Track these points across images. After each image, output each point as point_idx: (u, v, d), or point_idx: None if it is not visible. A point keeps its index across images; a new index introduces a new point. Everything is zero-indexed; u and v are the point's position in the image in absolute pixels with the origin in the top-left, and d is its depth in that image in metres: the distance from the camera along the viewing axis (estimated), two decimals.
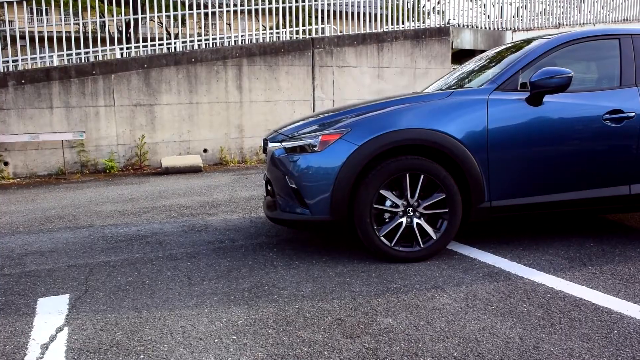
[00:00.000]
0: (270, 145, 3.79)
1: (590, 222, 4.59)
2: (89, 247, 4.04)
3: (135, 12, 9.72)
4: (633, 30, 4.06)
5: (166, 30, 10.93)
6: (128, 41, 10.20)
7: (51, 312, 2.77)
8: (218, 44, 10.18)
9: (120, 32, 13.56)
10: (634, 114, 3.70)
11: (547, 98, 3.56)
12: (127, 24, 12.35)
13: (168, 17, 9.83)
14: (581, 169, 3.67)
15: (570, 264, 3.42)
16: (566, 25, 14.27)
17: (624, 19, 15.56)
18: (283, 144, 3.61)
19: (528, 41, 4.16)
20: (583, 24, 14.55)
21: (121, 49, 9.90)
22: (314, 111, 9.37)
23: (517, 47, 4.17)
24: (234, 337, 2.44)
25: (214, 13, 9.95)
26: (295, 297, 2.90)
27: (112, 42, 9.66)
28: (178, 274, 3.34)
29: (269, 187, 3.92)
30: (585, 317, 2.62)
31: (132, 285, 3.15)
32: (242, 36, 10.21)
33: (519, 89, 3.61)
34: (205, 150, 9.04)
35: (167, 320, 2.63)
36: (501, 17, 13.17)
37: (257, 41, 10.14)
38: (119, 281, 3.23)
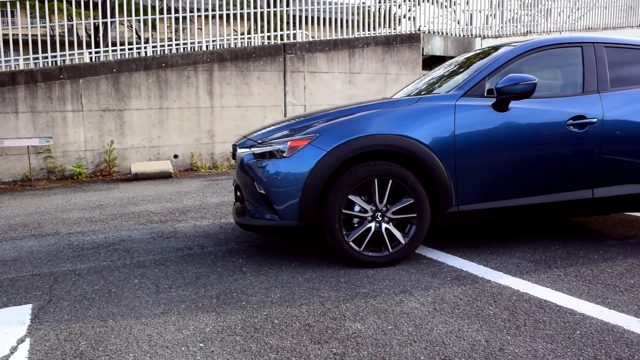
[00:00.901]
0: (239, 151, 3.78)
1: (556, 225, 4.68)
2: (54, 255, 3.96)
3: (104, 16, 9.63)
4: (595, 38, 4.16)
5: (136, 34, 10.80)
6: (97, 45, 10.05)
7: (12, 323, 2.71)
8: (189, 49, 10.11)
9: (89, 36, 13.39)
10: (596, 119, 3.79)
11: (512, 104, 3.62)
12: (97, 28, 12.20)
13: (138, 21, 9.71)
14: (546, 173, 3.74)
15: (536, 267, 3.48)
16: (534, 32, 14.58)
17: (588, 28, 15.96)
18: (252, 149, 3.59)
19: (496, 48, 4.23)
20: (550, 31, 14.87)
21: (90, 53, 9.76)
22: (285, 117, 9.37)
23: (485, 53, 4.23)
24: (201, 344, 2.42)
25: (185, 17, 9.89)
26: (264, 304, 2.88)
27: (80, 46, 9.50)
28: (145, 281, 3.30)
29: (238, 193, 3.91)
30: (550, 319, 2.66)
31: (98, 293, 3.10)
32: (213, 41, 10.16)
33: (485, 95, 3.67)
34: (175, 156, 8.96)
35: (133, 329, 2.59)
36: (471, 24, 13.38)
37: (228, 46, 10.10)
38: (84, 290, 3.17)
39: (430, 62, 11.41)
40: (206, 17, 9.95)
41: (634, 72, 4.15)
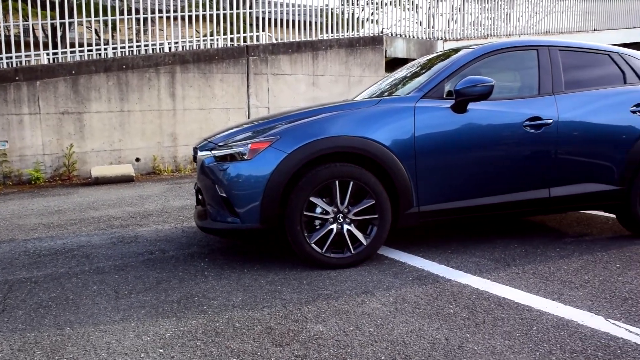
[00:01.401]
0: (200, 153, 3.75)
1: (515, 224, 4.78)
2: (9, 262, 3.84)
3: (63, 16, 9.39)
4: (550, 41, 4.27)
5: (97, 35, 10.58)
6: (55, 46, 9.81)
7: None
8: (151, 51, 9.96)
9: (47, 37, 13.05)
10: (551, 120, 3.89)
11: (471, 106, 3.69)
12: (55, 29, 11.91)
13: (98, 21, 9.52)
14: (504, 173, 3.82)
15: (495, 265, 3.55)
16: (494, 35, 14.88)
17: (546, 31, 16.39)
18: (213, 152, 3.57)
19: (456, 50, 4.30)
20: (510, 35, 15.21)
21: (48, 54, 9.52)
22: (249, 119, 9.32)
23: (445, 55, 4.30)
24: (161, 350, 2.39)
25: (146, 19, 9.74)
26: (226, 307, 2.86)
27: (37, 47, 9.27)
28: (105, 287, 3.23)
29: (200, 197, 3.87)
30: (508, 316, 2.72)
31: (55, 301, 3.03)
32: (175, 43, 10.04)
33: (444, 96, 3.72)
34: (137, 160, 8.81)
35: (91, 337, 2.54)
36: (433, 27, 13.57)
37: (190, 48, 10.00)
38: (40, 298, 3.09)
39: (393, 64, 11.52)
40: (168, 18, 9.83)
41: (588, 75, 4.28)
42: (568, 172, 3.99)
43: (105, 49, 9.72)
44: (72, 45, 9.50)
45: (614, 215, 4.58)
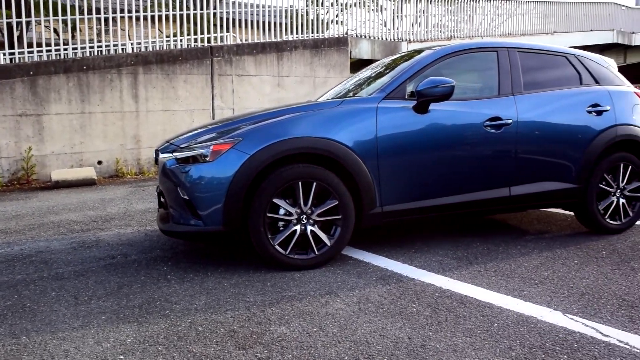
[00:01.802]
0: (161, 155, 3.69)
1: (478, 222, 4.86)
2: None
3: (20, 15, 9.13)
4: (509, 43, 4.36)
5: (56, 35, 10.31)
6: (12, 46, 9.55)
7: None
8: (113, 51, 9.77)
9: (3, 36, 12.67)
10: (511, 120, 3.97)
11: (432, 106, 3.73)
12: (12, 28, 11.57)
13: (58, 21, 9.29)
14: (465, 173, 3.87)
15: (458, 264, 3.60)
16: (458, 37, 15.13)
17: (508, 33, 16.74)
18: (174, 154, 3.52)
19: (419, 51, 4.34)
20: (472, 36, 15.48)
21: (4, 54, 9.25)
22: (213, 120, 9.23)
23: (409, 56, 4.33)
24: (121, 357, 2.34)
25: (107, 19, 9.55)
26: (188, 311, 2.83)
27: None
28: (64, 294, 3.15)
29: (162, 199, 3.81)
30: (469, 313, 2.76)
31: (11, 309, 2.94)
32: (138, 44, 9.87)
33: (406, 97, 3.75)
34: (99, 162, 8.64)
35: (48, 345, 2.47)
36: (398, 29, 13.71)
37: (154, 49, 9.85)
38: None
39: (359, 65, 11.60)
40: (130, 18, 9.66)
41: (546, 76, 4.38)
42: (528, 171, 4.07)
43: (66, 50, 9.48)
44: (30, 45, 9.25)
45: (572, 213, 4.69)
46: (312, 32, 11.55)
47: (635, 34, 22.71)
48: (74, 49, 9.37)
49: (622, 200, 4.42)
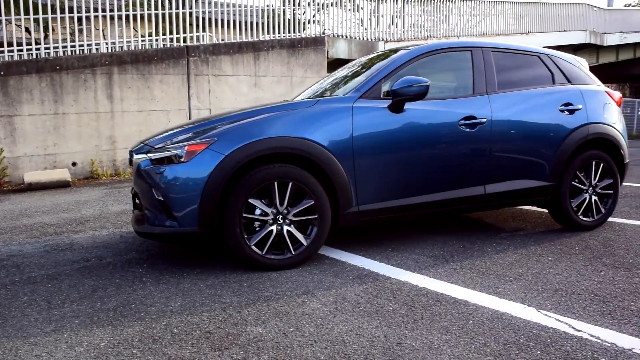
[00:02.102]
0: (136, 156, 3.64)
1: (454, 221, 4.90)
2: None
3: None
4: (483, 43, 4.40)
5: (28, 34, 10.11)
6: None
7: None
8: (87, 51, 9.63)
9: None
10: (485, 119, 4.00)
11: (408, 105, 3.75)
12: None
13: (29, 20, 9.13)
14: (441, 171, 3.90)
15: (434, 262, 3.62)
16: (434, 37, 15.25)
17: (483, 33, 16.93)
18: (149, 155, 3.48)
19: (395, 51, 4.35)
20: (449, 36, 15.61)
21: None
22: (189, 120, 9.17)
23: (385, 55, 4.35)
24: None
25: (80, 18, 9.40)
26: (164, 313, 2.80)
27: None
28: (36, 298, 3.10)
29: (137, 201, 3.77)
30: (445, 311, 2.78)
31: None
32: (113, 43, 9.74)
33: (382, 96, 3.77)
34: (74, 164, 8.52)
35: (19, 351, 2.42)
36: (376, 29, 13.76)
37: (129, 49, 9.74)
38: None
39: (336, 65, 11.61)
40: (105, 17, 9.52)
41: (519, 75, 4.43)
42: (502, 169, 4.11)
43: (38, 49, 9.33)
44: (1, 44, 9.07)
45: (546, 210, 4.76)
46: (289, 32, 11.53)
47: (607, 35, 23.17)
48: (46, 48, 9.22)
49: (594, 198, 4.50)
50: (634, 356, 2.28)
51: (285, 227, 3.40)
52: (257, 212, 3.36)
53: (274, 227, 3.38)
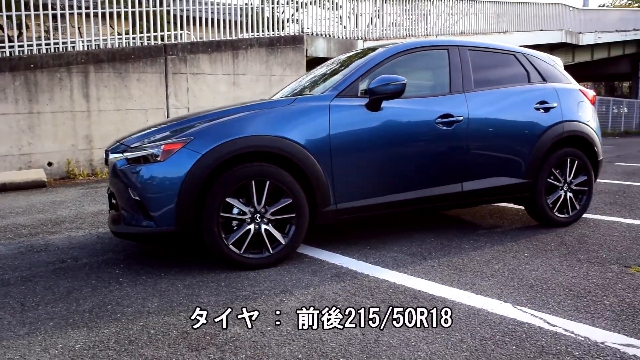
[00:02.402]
0: (111, 156, 3.60)
1: (432, 218, 4.93)
2: None
3: None
4: (460, 41, 4.44)
5: (1, 31, 9.91)
6: None
7: None
8: (62, 49, 9.47)
9: None
10: (462, 117, 4.04)
11: (385, 104, 3.76)
12: None
13: (2, 17, 8.94)
14: (418, 169, 3.92)
15: (412, 259, 3.65)
16: (413, 36, 15.33)
17: (462, 32, 17.08)
18: (125, 154, 3.44)
19: (373, 49, 4.36)
20: (428, 35, 15.71)
21: None
22: (166, 119, 9.08)
23: (363, 53, 4.36)
24: None
25: (55, 15, 9.25)
26: (140, 314, 2.77)
27: None
28: (9, 300, 3.04)
29: (113, 201, 3.73)
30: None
31: None
32: (89, 41, 9.60)
33: (359, 95, 3.77)
34: (50, 164, 8.39)
35: None
36: (355, 27, 13.79)
37: (105, 47, 9.62)
38: None
39: (315, 63, 11.59)
40: (80, 15, 9.38)
41: (496, 74, 4.48)
42: (479, 167, 4.15)
43: (12, 47, 9.16)
44: None
45: (523, 207, 4.82)
46: (268, 31, 11.49)
47: (583, 34, 23.53)
48: (20, 46, 9.06)
49: (569, 194, 4.57)
50: (606, 349, 2.32)
51: (263, 226, 3.39)
52: (235, 211, 3.35)
53: (251, 226, 3.37)
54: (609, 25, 25.79)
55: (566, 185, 4.55)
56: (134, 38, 10.08)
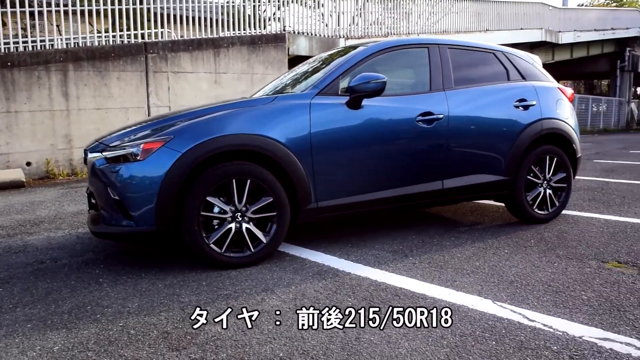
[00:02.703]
0: (90, 155, 3.56)
1: (413, 215, 4.96)
2: None
3: None
4: (440, 40, 4.46)
5: None
6: None
7: None
8: (39, 47, 9.34)
9: None
10: (442, 115, 4.06)
11: (365, 102, 3.76)
12: None
13: None
14: (399, 167, 3.94)
15: (393, 257, 3.66)
16: (395, 34, 15.39)
17: (443, 31, 17.18)
18: (104, 153, 3.41)
19: (354, 47, 4.36)
20: (410, 33, 15.77)
21: None
22: (147, 117, 9.00)
23: (345, 51, 4.36)
24: None
25: (33, 13, 9.11)
26: (120, 314, 2.75)
27: None
28: None
29: (93, 201, 3.68)
30: (403, 305, 2.80)
31: None
32: (67, 39, 9.48)
33: (340, 93, 3.77)
34: (28, 164, 8.27)
35: None
36: (337, 26, 13.79)
37: (84, 45, 9.50)
38: None
39: (297, 61, 11.57)
40: (58, 12, 9.25)
41: (475, 72, 4.51)
42: (459, 164, 4.18)
43: None
44: None
45: (503, 204, 4.86)
46: (250, 29, 11.44)
47: (562, 33, 23.81)
48: None
49: (548, 191, 4.62)
50: (584, 343, 2.35)
51: (244, 225, 3.38)
52: (216, 210, 3.33)
53: (232, 225, 3.35)
54: (587, 24, 26.14)
55: (545, 182, 4.60)
56: (114, 36, 9.97)
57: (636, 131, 28.48)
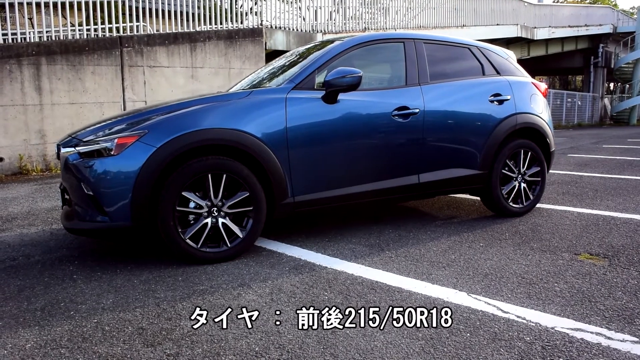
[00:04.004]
0: (63, 150, 3.50)
1: (391, 210, 4.99)
2: None
3: None
4: (416, 35, 4.47)
5: None
6: None
7: None
8: (10, 40, 9.15)
9: None
10: (418, 110, 4.08)
11: (341, 96, 3.77)
12: None
13: None
14: (375, 161, 3.95)
15: (370, 251, 3.68)
16: (373, 29, 15.43)
17: (421, 26, 17.27)
18: (77, 148, 3.35)
19: (331, 41, 4.36)
20: (387, 28, 15.83)
21: None
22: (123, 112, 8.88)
23: (322, 45, 4.35)
24: None
25: (3, 5, 8.91)
26: (95, 311, 2.72)
27: None
28: None
29: (66, 196, 3.63)
30: (380, 298, 2.82)
31: None
32: (40, 32, 9.30)
33: (315, 87, 3.77)
34: (0, 159, 8.11)
35: None
36: (315, 20, 13.76)
37: (58, 38, 9.33)
38: None
39: (274, 56, 11.54)
40: (30, 4, 9.07)
41: (451, 67, 4.54)
42: (435, 158, 4.21)
43: None
44: None
45: (479, 198, 4.91)
46: (227, 23, 11.36)
47: (537, 29, 24.11)
48: None
49: (523, 185, 4.68)
50: (556, 334, 2.40)
51: (221, 220, 3.36)
52: (192, 205, 3.31)
53: (208, 220, 3.34)
54: (562, 20, 26.53)
55: (520, 176, 4.66)
56: (88, 30, 9.80)
57: (609, 126, 29.00)
